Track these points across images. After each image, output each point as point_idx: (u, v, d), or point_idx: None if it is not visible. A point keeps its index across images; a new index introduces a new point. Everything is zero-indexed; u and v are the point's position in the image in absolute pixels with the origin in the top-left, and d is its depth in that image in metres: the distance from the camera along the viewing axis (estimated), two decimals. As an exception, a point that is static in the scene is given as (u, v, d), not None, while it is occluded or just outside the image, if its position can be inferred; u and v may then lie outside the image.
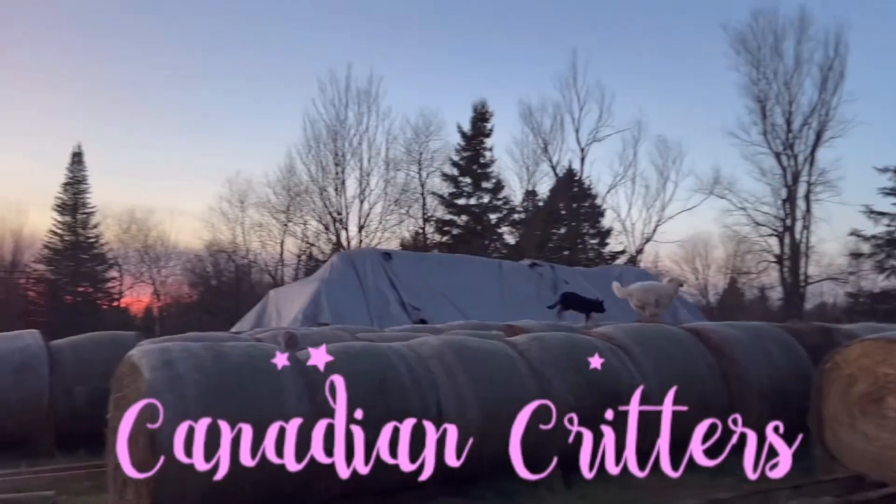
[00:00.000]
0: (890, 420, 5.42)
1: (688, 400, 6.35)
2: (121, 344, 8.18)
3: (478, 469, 5.45)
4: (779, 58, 35.10)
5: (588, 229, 42.86)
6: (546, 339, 6.27)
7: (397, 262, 21.08)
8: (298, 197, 39.19)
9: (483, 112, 42.51)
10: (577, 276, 24.59)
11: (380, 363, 5.31)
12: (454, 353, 5.65)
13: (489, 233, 42.44)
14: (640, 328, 6.96)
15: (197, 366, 4.65)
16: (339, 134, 38.19)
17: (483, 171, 42.42)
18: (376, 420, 4.98)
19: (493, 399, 5.46)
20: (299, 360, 5.16)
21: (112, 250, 47.16)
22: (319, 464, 4.76)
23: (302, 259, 40.42)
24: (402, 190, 39.90)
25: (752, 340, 6.99)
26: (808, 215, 34.93)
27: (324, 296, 18.36)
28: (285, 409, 4.71)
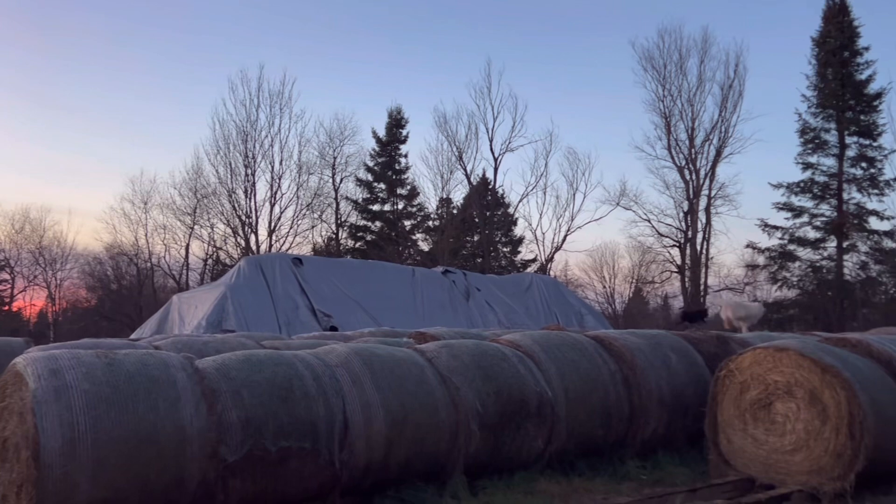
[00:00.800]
0: (777, 425, 5.70)
1: (592, 407, 6.52)
2: (7, 351, 7.75)
3: (384, 478, 5.39)
4: (683, 76, 36.64)
5: (501, 237, 43.47)
6: (455, 346, 6.27)
7: (308, 268, 20.72)
8: (206, 199, 38.02)
9: (398, 118, 42.53)
10: (489, 283, 24.86)
11: (284, 372, 5.18)
12: (362, 361, 5.58)
13: (403, 239, 42.41)
14: (546, 335, 7.07)
15: (87, 375, 4.42)
16: (250, 135, 37.29)
17: (398, 178, 42.39)
18: (280, 430, 4.87)
19: (401, 407, 5.41)
20: (198, 368, 4.98)
21: (3, 251, 44.52)
22: (217, 475, 4.61)
23: (208, 263, 39.20)
24: (315, 194, 39.30)
25: (653, 348, 7.22)
26: (709, 228, 36.52)
27: (230, 301, 17.83)
28: (182, 419, 4.53)
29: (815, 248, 33.58)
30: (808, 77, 33.88)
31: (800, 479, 5.54)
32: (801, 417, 5.58)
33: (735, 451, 5.97)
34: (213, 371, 4.97)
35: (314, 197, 39.10)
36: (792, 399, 5.64)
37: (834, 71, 32.97)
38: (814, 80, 33.67)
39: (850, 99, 32.87)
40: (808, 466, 5.52)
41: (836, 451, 5.38)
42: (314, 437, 5.00)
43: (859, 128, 32.75)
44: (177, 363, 4.89)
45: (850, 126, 32.75)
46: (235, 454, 4.66)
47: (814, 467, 5.48)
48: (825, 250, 33.43)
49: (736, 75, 35.94)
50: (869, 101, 32.81)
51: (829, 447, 5.41)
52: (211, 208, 38.03)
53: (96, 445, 4.21)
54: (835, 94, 32.66)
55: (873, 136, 32.71)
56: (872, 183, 32.51)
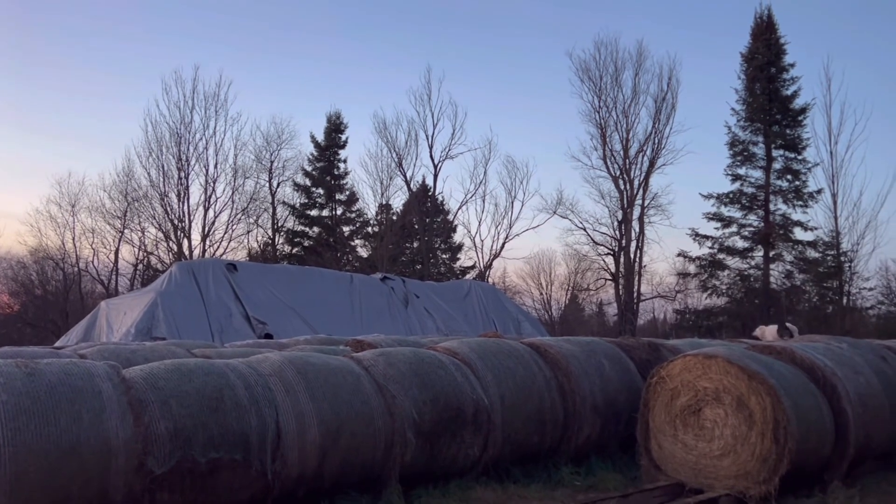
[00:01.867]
0: (706, 430, 5.85)
1: (528, 414, 6.56)
2: None
3: (317, 488, 5.31)
4: (618, 87, 37.40)
5: (440, 244, 43.57)
6: (392, 354, 6.23)
7: (243, 274, 20.33)
8: (137, 202, 36.89)
9: (338, 123, 42.20)
10: (428, 290, 24.88)
11: (215, 381, 5.05)
12: (295, 370, 5.49)
13: (342, 245, 42.06)
14: (483, 343, 7.09)
15: (5, 385, 4.23)
16: (184, 138, 36.38)
17: (336, 183, 42.04)
18: (210, 441, 4.75)
19: (336, 416, 5.35)
20: (125, 377, 4.82)
21: (-82, 254, 42.34)
22: (144, 488, 4.47)
23: (139, 269, 38.07)
24: (251, 198, 38.61)
25: (587, 355, 7.32)
26: (642, 236, 37.36)
27: (160, 308, 17.35)
28: (106, 431, 4.37)
29: (744, 258, 34.79)
30: (738, 91, 35.16)
31: (727, 483, 5.69)
32: (729, 423, 5.73)
33: (666, 457, 6.10)
34: (140, 381, 4.82)
35: (250, 201, 38.43)
36: (720, 405, 5.80)
37: (761, 86, 34.26)
38: (742, 95, 34.95)
39: (776, 113, 34.21)
40: (735, 471, 5.67)
41: (762, 456, 5.55)
42: (245, 447, 4.89)
43: (785, 141, 34.11)
44: (102, 373, 4.72)
45: (776, 139, 34.07)
46: (163, 466, 4.52)
47: (741, 471, 5.64)
48: (753, 259, 34.68)
49: (669, 88, 36.92)
50: (794, 115, 34.22)
51: (756, 452, 5.58)
52: (142, 212, 36.95)
53: (15, 459, 4.03)
54: (762, 109, 33.93)
55: (798, 150, 34.12)
56: (797, 195, 33.88)
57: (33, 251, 39.27)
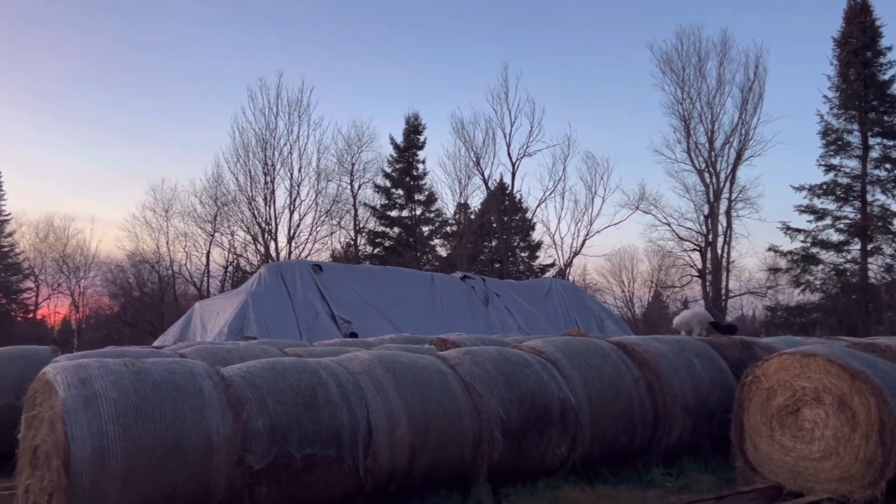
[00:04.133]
0: (805, 432, 5.63)
1: (616, 413, 6.48)
2: (34, 359, 7.82)
3: (408, 485, 5.39)
4: (702, 78, 36.39)
5: (518, 242, 43.39)
6: (478, 353, 6.26)
7: (328, 275, 20.80)
8: (226, 207, 38.34)
9: (416, 124, 42.63)
10: (508, 288, 24.82)
11: (308, 379, 5.20)
12: (385, 369, 5.59)
13: (421, 245, 42.45)
14: (569, 342, 7.04)
15: (115, 383, 4.45)
16: (269, 143, 37.56)
17: (415, 183, 42.48)
18: (304, 437, 4.88)
19: (425, 414, 5.41)
20: (224, 376, 5.01)
21: (28, 259, 45.14)
22: (243, 483, 4.63)
23: (229, 270, 39.50)
24: (334, 201, 39.50)
25: (676, 354, 7.16)
26: (729, 231, 36.20)
27: (251, 308, 17.94)
28: (208, 427, 4.56)
29: (839, 251, 33.16)
30: (830, 78, 33.54)
31: (829, 486, 5.46)
32: (830, 424, 5.50)
33: (762, 459, 5.90)
34: (238, 379, 5.00)
35: (333, 203, 39.32)
36: (820, 405, 5.57)
37: (856, 71, 32.60)
38: (835, 81, 33.32)
39: (873, 100, 32.47)
40: (837, 474, 5.44)
41: (867, 458, 5.30)
42: (338, 444, 5.01)
43: (883, 129, 32.34)
44: (202, 371, 4.92)
45: (873, 127, 32.34)
46: (261, 462, 4.68)
47: (843, 475, 5.40)
48: (849, 253, 33.01)
49: (756, 77, 35.69)
50: (892, 101, 32.39)
51: (860, 454, 5.34)
52: (231, 216, 38.35)
53: (125, 454, 4.23)
54: (857, 95, 32.28)
55: (897, 137, 32.32)
56: (897, 184, 32.11)
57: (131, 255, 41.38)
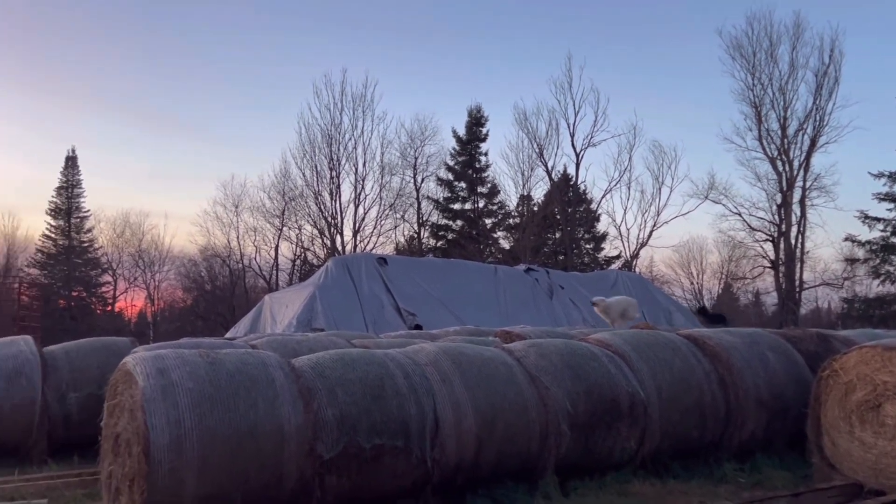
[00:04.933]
0: (888, 428, 5.40)
1: (686, 407, 6.35)
2: (114, 350, 8.14)
3: (475, 477, 5.41)
4: (774, 63, 35.21)
5: (583, 234, 42.91)
6: (544, 345, 6.23)
7: (392, 267, 21.00)
8: (293, 201, 39.13)
9: (478, 117, 42.57)
10: (573, 280, 24.56)
11: (376, 370, 5.26)
12: (450, 360, 5.61)
13: (484, 237, 42.44)
14: (637, 334, 6.93)
15: (191, 374, 4.60)
16: (335, 138, 38.13)
17: (478, 176, 42.46)
18: (373, 428, 4.95)
19: (491, 406, 5.41)
20: (294, 367, 5.12)
21: (106, 254, 47.09)
22: (314, 472, 4.72)
23: (296, 264, 40.32)
24: (397, 194, 39.85)
25: (749, 347, 6.97)
26: (804, 220, 34.99)
27: (318, 301, 18.26)
28: (280, 417, 4.66)
29: (921, 241, 31.69)
30: (912, 59, 31.97)
31: (914, 485, 5.24)
32: (915, 420, 5.27)
33: (840, 455, 5.70)
34: (308, 370, 5.10)
35: (396, 197, 39.67)
36: (904, 401, 5.34)
37: (940, 51, 30.99)
38: (918, 63, 31.75)
39: (958, 81, 30.84)
40: (922, 472, 5.21)
41: (955, 457, 5.06)
42: (406, 435, 5.05)
43: (969, 111, 30.69)
44: (274, 362, 5.03)
45: (958, 109, 30.72)
46: (331, 451, 4.76)
47: (929, 473, 5.17)
48: (932, 242, 31.51)
49: (831, 61, 34.35)
50: (980, 82, 30.70)
51: (947, 452, 5.10)
52: (298, 210, 39.12)
53: (201, 442, 4.37)
54: (942, 76, 30.70)
55: (985, 120, 30.62)
56: (984, 169, 30.43)
57: (203, 250, 42.70)
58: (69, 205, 46.40)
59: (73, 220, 46.34)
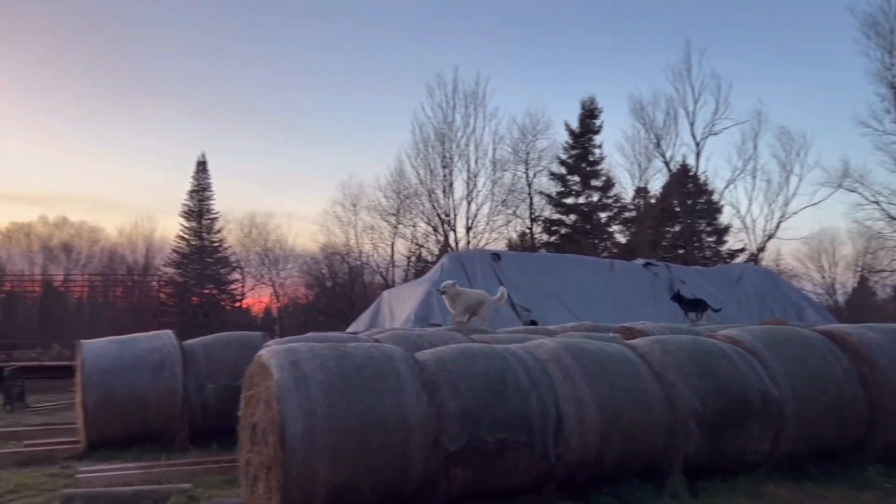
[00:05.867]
0: None
1: (823, 407, 6.00)
2: (247, 344, 8.57)
3: (598, 474, 5.33)
4: (914, 40, 32.63)
5: (704, 227, 41.30)
6: (669, 342, 6.05)
7: (506, 263, 20.99)
8: (408, 199, 39.88)
9: (592, 109, 41.80)
10: (695, 275, 23.68)
11: (497, 365, 5.28)
12: (572, 356, 5.55)
13: (599, 232, 41.67)
14: (769, 330, 6.61)
15: (322, 366, 4.77)
16: (447, 136, 38.57)
17: (592, 169, 41.70)
18: (495, 422, 4.97)
19: (614, 403, 5.32)
20: (418, 360, 5.21)
21: (234, 253, 49.74)
22: (439, 464, 4.80)
23: (411, 260, 41.07)
24: (510, 190, 39.82)
25: (893, 343, 6.50)
26: (951, 208, 32.29)
27: (434, 297, 18.51)
28: (405, 409, 4.76)
29: None
30: None
31: None
32: None
33: None
34: (431, 363, 5.18)
35: (508, 193, 39.66)
36: None
37: None
38: None
39: None
40: None
41: None
42: (529, 430, 5.04)
43: None
44: (398, 355, 5.15)
45: None
46: (455, 444, 4.81)
47: None
48: None
49: (981, 34, 31.38)
50: None
51: None
52: (413, 208, 39.85)
53: (332, 433, 4.52)
54: None
55: None
56: None
57: (323, 248, 44.24)
58: (200, 207, 49.25)
59: (204, 222, 49.17)
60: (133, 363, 8.21)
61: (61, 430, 9.58)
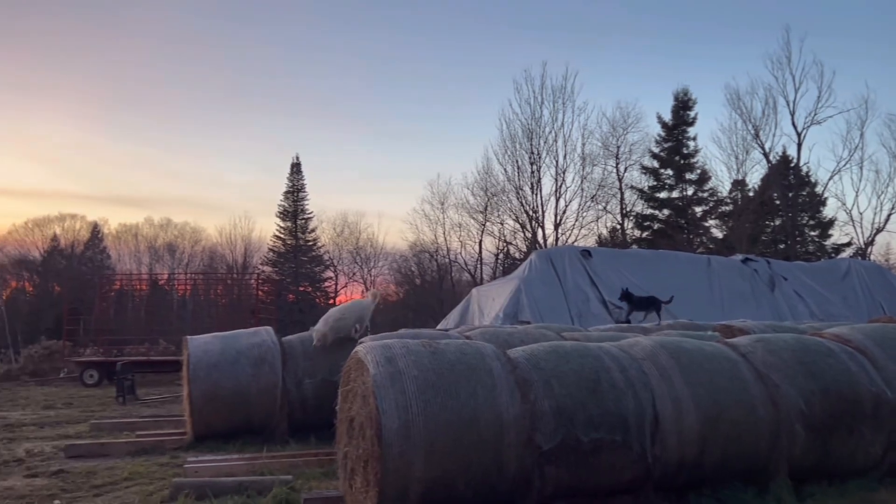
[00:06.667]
0: None
1: (944, 411, 5.64)
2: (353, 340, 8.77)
3: (698, 476, 5.19)
4: None
5: (807, 220, 39.42)
6: (772, 340, 5.82)
7: (597, 260, 20.65)
8: (495, 197, 39.85)
9: (685, 100, 40.58)
10: (797, 271, 22.63)
11: (591, 363, 5.21)
12: (669, 355, 5.42)
13: (694, 226, 40.42)
14: (880, 329, 6.25)
15: (416, 362, 4.83)
16: (535, 132, 38.27)
17: (686, 162, 40.47)
18: (589, 421, 4.91)
19: (714, 404, 5.16)
20: (510, 357, 5.20)
21: (328, 252, 51.02)
22: (533, 462, 4.78)
23: (499, 258, 41.02)
24: (599, 185, 39.16)
25: None
26: None
27: (524, 294, 18.42)
28: (499, 406, 4.76)
29: None
30: None
31: None
32: None
33: None
34: (523, 361, 5.16)
35: (598, 188, 39.01)
36: None
37: None
38: None
39: None
40: None
41: None
42: (624, 430, 4.96)
43: None
44: (491, 352, 5.15)
45: None
46: (549, 442, 4.78)
47: None
48: None
49: None
50: None
51: None
52: (500, 205, 39.76)
53: (426, 428, 4.56)
54: None
55: None
56: None
57: (412, 245, 44.77)
58: (295, 207, 50.78)
59: (298, 222, 50.67)
60: (236, 358, 8.55)
61: (169, 422, 10.11)
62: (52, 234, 53.70)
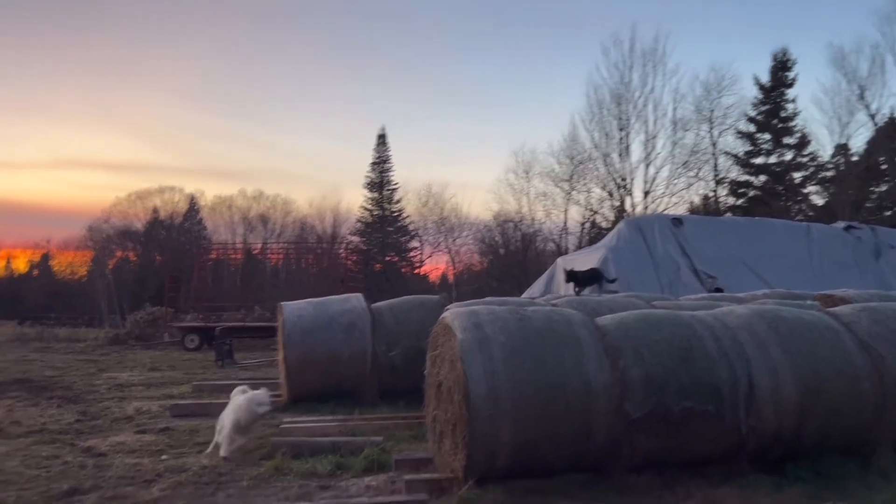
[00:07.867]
0: None
1: None
2: (429, 307, 8.90)
3: (795, 448, 5.03)
4: None
5: (917, 185, 37.05)
6: (878, 310, 5.54)
7: (688, 228, 20.04)
8: (582, 165, 39.13)
9: (784, 61, 38.55)
10: (905, 239, 21.34)
11: (683, 332, 5.10)
12: (766, 324, 5.24)
13: (793, 193, 38.61)
14: None
15: (503, 329, 4.85)
16: (624, 97, 37.24)
17: (784, 126, 38.57)
18: (681, 390, 4.82)
19: (814, 374, 4.97)
20: (598, 325, 5.15)
21: (413, 222, 51.60)
22: (622, 430, 4.74)
23: (585, 227, 40.39)
24: (692, 151, 37.81)
25: None
26: None
27: (611, 263, 18.10)
28: (587, 374, 4.73)
29: None
30: None
31: None
32: None
33: None
34: (613, 329, 5.10)
35: (690, 154, 37.73)
36: None
37: None
38: None
39: None
40: None
41: None
42: (717, 400, 4.85)
43: None
44: (579, 320, 5.12)
45: None
46: (639, 411, 4.73)
47: None
48: None
49: None
50: None
51: None
52: (587, 173, 39.05)
53: (513, 394, 4.59)
54: None
55: None
56: None
57: (496, 215, 44.67)
58: (381, 179, 51.53)
59: (385, 193, 51.42)
60: (328, 324, 8.80)
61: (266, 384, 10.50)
62: (153, 207, 56.35)
